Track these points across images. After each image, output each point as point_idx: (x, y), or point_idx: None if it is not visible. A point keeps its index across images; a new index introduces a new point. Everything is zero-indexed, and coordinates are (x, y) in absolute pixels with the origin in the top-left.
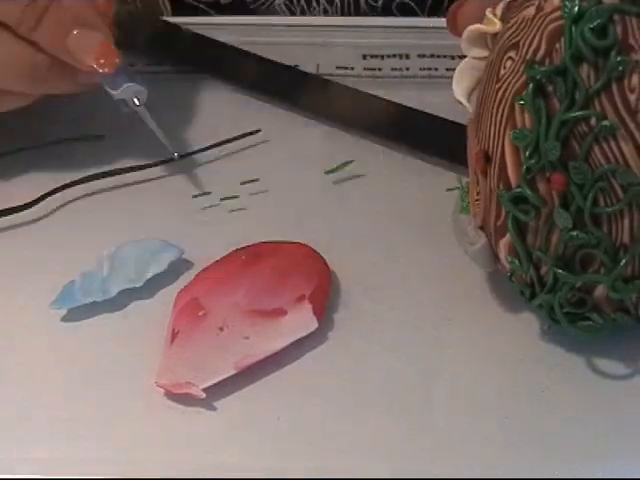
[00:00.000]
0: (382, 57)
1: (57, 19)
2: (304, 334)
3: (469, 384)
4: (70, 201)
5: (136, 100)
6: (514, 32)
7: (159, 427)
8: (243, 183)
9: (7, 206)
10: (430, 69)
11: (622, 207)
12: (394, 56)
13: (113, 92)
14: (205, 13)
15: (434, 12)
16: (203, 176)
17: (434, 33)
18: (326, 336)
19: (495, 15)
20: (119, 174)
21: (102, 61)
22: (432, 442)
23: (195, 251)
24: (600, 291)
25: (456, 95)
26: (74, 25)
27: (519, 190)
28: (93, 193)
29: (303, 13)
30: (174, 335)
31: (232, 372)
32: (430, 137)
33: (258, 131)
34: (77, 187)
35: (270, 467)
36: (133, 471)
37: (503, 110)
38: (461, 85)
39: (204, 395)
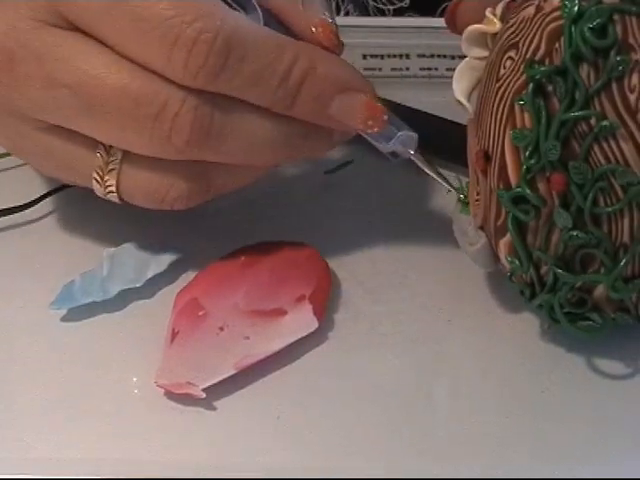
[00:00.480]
0: (382, 57)
1: (315, 92)
2: (304, 334)
3: (469, 384)
4: (70, 201)
5: (410, 150)
6: (514, 32)
7: (159, 427)
8: None
9: (7, 206)
10: (430, 69)
11: (622, 207)
12: (394, 56)
13: (382, 146)
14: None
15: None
16: None
17: (434, 33)
18: (326, 336)
19: (495, 15)
20: None
21: (370, 122)
22: (432, 442)
23: (195, 251)
24: (600, 291)
25: (456, 95)
26: (334, 93)
27: (519, 190)
28: (93, 193)
29: None
30: (174, 335)
31: (232, 372)
32: (430, 137)
33: None
34: (77, 187)
35: (270, 467)
36: (133, 471)
37: (503, 110)
38: (461, 85)
39: (204, 395)
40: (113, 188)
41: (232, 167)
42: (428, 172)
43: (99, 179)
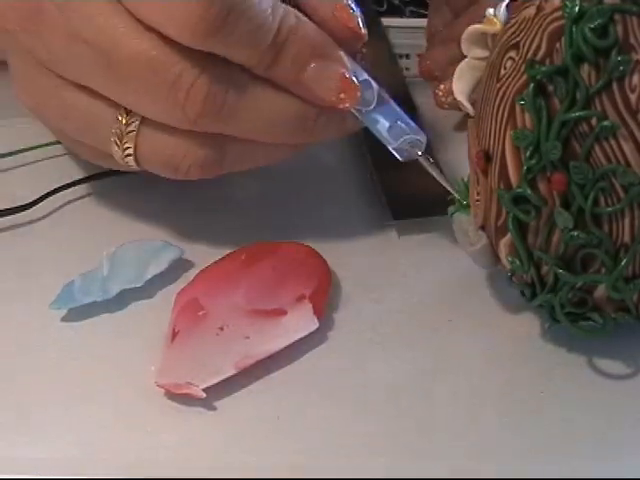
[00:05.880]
0: None
1: (294, 53)
2: (304, 334)
3: (469, 384)
4: (70, 201)
5: (417, 151)
6: (514, 32)
7: (159, 427)
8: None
9: (7, 206)
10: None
11: (623, 207)
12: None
13: (389, 143)
14: None
15: None
16: None
17: None
18: (326, 336)
19: (495, 15)
20: (119, 174)
21: (342, 96)
22: (432, 442)
23: (195, 251)
24: (601, 291)
25: (456, 95)
26: (310, 57)
27: (520, 190)
28: (93, 193)
29: None
30: (174, 335)
31: (232, 372)
32: None
33: None
34: (77, 187)
35: (270, 467)
36: (133, 471)
37: (503, 110)
38: (461, 85)
39: (204, 395)
40: (131, 151)
41: (248, 143)
42: (434, 175)
43: (118, 142)
